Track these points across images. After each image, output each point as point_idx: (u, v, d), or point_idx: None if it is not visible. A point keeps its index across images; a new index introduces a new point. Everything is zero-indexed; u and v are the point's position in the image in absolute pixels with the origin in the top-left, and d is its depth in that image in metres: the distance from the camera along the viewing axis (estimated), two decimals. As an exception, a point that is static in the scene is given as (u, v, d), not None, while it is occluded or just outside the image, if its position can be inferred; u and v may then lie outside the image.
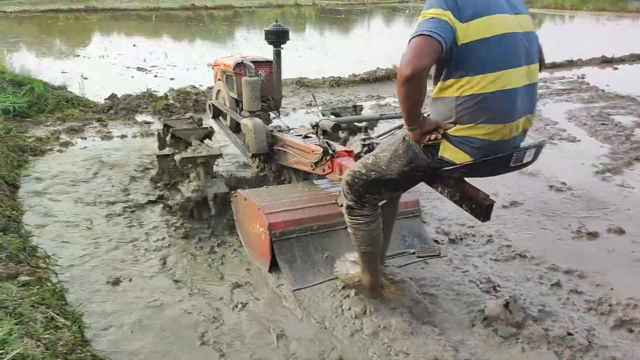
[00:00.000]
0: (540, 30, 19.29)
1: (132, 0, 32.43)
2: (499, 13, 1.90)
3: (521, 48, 1.94)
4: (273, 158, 3.73)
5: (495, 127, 1.94)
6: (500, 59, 1.89)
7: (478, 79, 1.88)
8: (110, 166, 4.71)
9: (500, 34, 1.88)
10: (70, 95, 6.87)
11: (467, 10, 1.85)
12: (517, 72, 1.93)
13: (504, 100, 1.92)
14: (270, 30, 3.74)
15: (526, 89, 1.98)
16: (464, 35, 1.85)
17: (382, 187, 2.31)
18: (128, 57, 11.38)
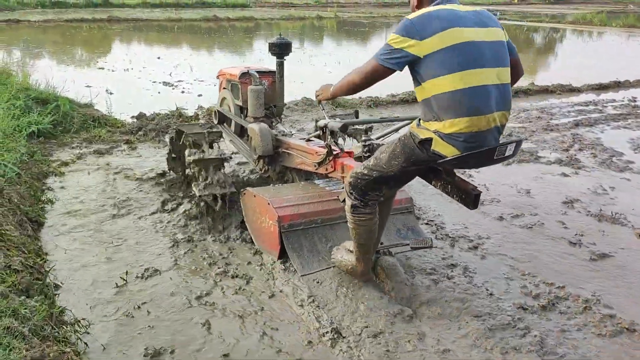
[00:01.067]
0: (571, 46, 18.74)
1: (154, 11, 32.55)
2: (460, 27, 2.26)
3: (486, 53, 2.26)
4: (277, 160, 4.02)
5: (471, 120, 2.23)
6: (463, 62, 2.22)
7: (447, 78, 2.22)
8: (139, 203, 4.28)
9: (461, 42, 2.23)
10: (96, 114, 6.51)
11: (425, 31, 2.24)
12: (485, 72, 2.25)
13: (476, 95, 2.23)
14: (274, 43, 3.94)
15: (498, 87, 2.28)
16: (425, 49, 2.24)
17: (383, 185, 2.61)
18: (153, 71, 11.07)
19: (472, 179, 4.81)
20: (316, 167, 3.36)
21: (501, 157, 2.36)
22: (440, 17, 2.27)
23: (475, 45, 2.27)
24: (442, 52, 2.24)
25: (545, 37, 23.29)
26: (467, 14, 2.35)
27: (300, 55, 14.07)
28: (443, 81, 2.25)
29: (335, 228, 3.35)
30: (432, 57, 2.25)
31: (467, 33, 2.28)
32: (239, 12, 32.02)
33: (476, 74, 2.25)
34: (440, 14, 2.29)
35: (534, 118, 7.22)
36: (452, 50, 2.23)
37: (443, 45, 2.24)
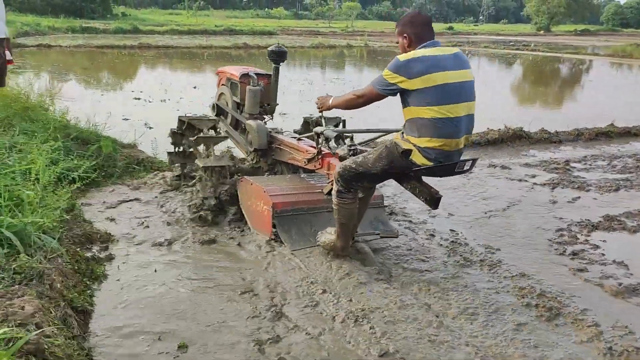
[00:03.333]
0: (621, 80, 17.80)
1: (182, 37, 32.43)
2: (442, 71, 2.90)
3: (461, 91, 2.95)
4: (269, 153, 4.66)
5: (444, 141, 2.95)
6: (442, 99, 2.89)
7: (429, 109, 2.90)
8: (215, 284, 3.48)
9: (442, 84, 2.89)
10: (141, 156, 5.78)
11: (412, 73, 2.89)
12: (458, 106, 2.94)
13: (450, 124, 2.93)
14: (272, 51, 4.53)
15: (467, 117, 3.01)
16: (412, 86, 2.91)
17: (365, 179, 3.29)
18: (191, 102, 10.41)
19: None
20: (306, 163, 3.98)
21: (460, 170, 3.09)
22: (424, 61, 2.90)
23: (453, 87, 2.92)
24: (425, 90, 2.89)
25: (585, 69, 22.40)
26: (447, 58, 2.96)
27: (341, 87, 13.38)
28: (425, 110, 2.91)
29: (319, 216, 3.98)
30: (418, 92, 2.90)
31: (447, 75, 2.90)
32: (268, 40, 31.71)
33: (451, 108, 2.92)
34: (424, 58, 2.91)
35: (633, 167, 6.33)
36: (434, 89, 2.88)
37: (426, 85, 2.88)
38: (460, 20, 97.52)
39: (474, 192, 5.33)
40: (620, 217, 4.67)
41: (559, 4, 67.47)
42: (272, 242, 3.92)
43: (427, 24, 3.09)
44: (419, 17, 3.12)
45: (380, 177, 3.33)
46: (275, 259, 3.71)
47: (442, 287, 3.40)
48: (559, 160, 6.55)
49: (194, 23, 43.35)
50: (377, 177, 3.29)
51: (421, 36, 3.03)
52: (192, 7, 62.37)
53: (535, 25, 70.51)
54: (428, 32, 3.06)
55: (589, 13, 79.49)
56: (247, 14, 72.48)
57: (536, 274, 3.60)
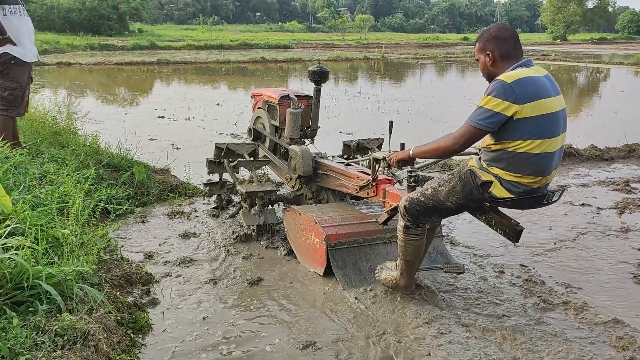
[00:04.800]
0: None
1: (199, 52, 32.43)
2: (547, 97, 2.54)
3: (560, 121, 2.61)
4: (314, 180, 4.40)
5: (536, 179, 2.63)
6: (546, 131, 2.53)
7: (529, 143, 2.53)
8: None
9: (547, 113, 2.52)
10: (174, 182, 5.46)
11: (523, 97, 2.47)
12: (556, 140, 2.59)
13: (545, 160, 2.59)
14: (314, 71, 4.27)
15: (559, 150, 2.66)
16: (519, 113, 2.47)
17: (436, 213, 2.97)
18: (216, 120, 10.15)
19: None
20: (357, 190, 3.71)
21: (549, 202, 2.74)
22: (533, 84, 2.52)
23: (555, 116, 2.57)
24: (531, 120, 2.50)
25: (611, 78, 21.87)
26: (546, 81, 2.60)
27: (366, 101, 13.04)
28: (525, 144, 2.54)
29: (375, 248, 3.70)
30: (523, 121, 2.50)
31: (551, 103, 2.55)
32: (284, 54, 31.66)
33: (551, 142, 2.57)
34: (532, 81, 2.53)
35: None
36: (538, 119, 2.50)
37: (532, 114, 2.49)
38: (474, 31, 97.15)
39: (535, 218, 4.92)
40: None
41: (575, 12, 66.99)
42: (327, 279, 3.59)
43: (515, 40, 2.74)
44: (505, 32, 2.74)
45: (453, 212, 2.98)
46: (333, 301, 3.34)
47: (528, 336, 2.99)
48: (617, 181, 6.12)
49: (210, 38, 43.50)
50: (450, 211, 2.96)
51: (509, 54, 2.70)
52: (206, 22, 62.89)
53: (551, 34, 69.95)
54: (516, 50, 2.72)
55: (605, 21, 78.76)
56: (260, 28, 72.86)
57: (631, 320, 3.18)
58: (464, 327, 3.05)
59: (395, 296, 3.34)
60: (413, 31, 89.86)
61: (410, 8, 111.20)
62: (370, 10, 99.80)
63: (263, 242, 4.21)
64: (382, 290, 3.41)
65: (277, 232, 4.35)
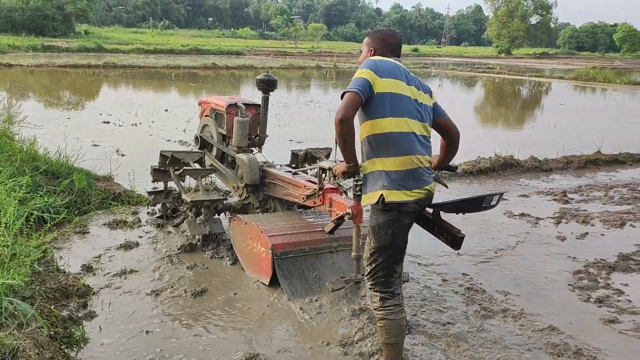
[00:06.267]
0: (590, 103, 18.10)
1: (148, 57, 31.76)
2: (398, 80, 2.61)
3: (411, 107, 2.60)
4: (261, 189, 4.37)
5: (402, 158, 2.53)
6: (397, 109, 2.55)
7: (384, 121, 2.54)
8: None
9: (397, 92, 2.58)
10: (117, 190, 5.30)
11: (382, 71, 2.58)
12: (410, 122, 2.57)
13: (403, 138, 2.55)
14: (262, 80, 4.28)
15: (422, 137, 2.61)
16: (379, 87, 2.55)
17: (391, 262, 2.65)
18: (164, 126, 9.95)
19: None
20: (304, 199, 3.67)
21: (488, 206, 2.71)
22: (391, 67, 2.63)
23: (404, 98, 2.60)
24: (385, 95, 2.56)
25: (552, 92, 22.82)
26: (403, 71, 2.67)
27: (317, 110, 13.11)
28: (381, 123, 2.56)
29: (321, 257, 3.69)
30: (380, 96, 2.55)
31: (401, 86, 2.60)
32: (236, 60, 31.42)
33: (404, 122, 2.57)
34: (391, 65, 2.65)
35: (630, 198, 6.18)
36: (390, 96, 2.56)
37: (386, 90, 2.56)
38: (423, 43, 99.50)
39: (477, 226, 5.05)
40: (634, 255, 4.45)
41: (519, 27, 69.57)
42: (272, 289, 3.56)
43: (398, 47, 2.88)
44: (392, 39, 2.86)
45: (398, 244, 2.65)
46: (278, 312, 3.31)
47: (471, 343, 3.06)
48: (555, 191, 6.37)
49: (160, 42, 42.70)
50: (397, 247, 2.65)
51: (385, 55, 2.78)
52: (156, 25, 61.71)
53: (496, 48, 72.41)
54: (393, 54, 2.83)
55: (547, 37, 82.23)
56: (212, 34, 72.05)
57: (566, 327, 3.30)
58: (410, 334, 3.08)
59: (341, 307, 3.34)
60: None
61: (362, 18, 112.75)
62: (323, 19, 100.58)
63: (208, 252, 4.14)
64: (327, 300, 3.41)
65: (223, 242, 4.29)
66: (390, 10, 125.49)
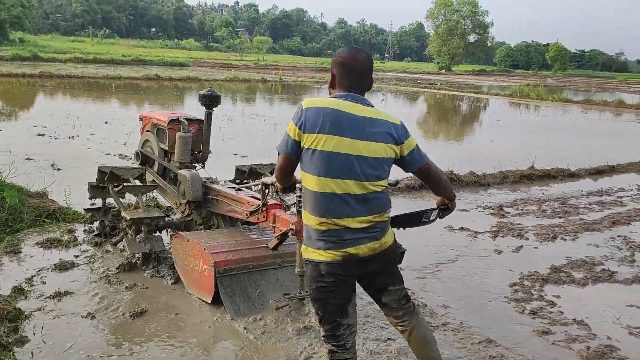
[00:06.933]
0: (524, 119, 18.94)
1: (87, 67, 30.83)
2: (338, 136, 2.24)
3: (349, 165, 2.24)
4: (204, 205, 4.30)
5: (320, 219, 2.29)
6: (325, 168, 2.24)
7: (308, 177, 2.31)
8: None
9: (327, 150, 2.24)
10: (52, 206, 5.09)
11: (308, 126, 2.25)
12: (342, 182, 2.25)
13: (326, 200, 2.26)
14: (205, 95, 4.23)
15: (360, 196, 2.28)
16: (304, 142, 2.27)
17: (333, 316, 2.36)
18: (104, 139, 9.66)
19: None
20: (248, 215, 3.65)
21: (427, 221, 2.76)
22: (328, 116, 2.26)
23: (339, 157, 2.26)
24: (311, 152, 2.28)
25: (490, 108, 23.75)
26: (361, 122, 2.29)
27: (262, 123, 13.08)
28: (309, 179, 2.33)
29: (264, 274, 3.66)
30: (306, 152, 2.29)
31: (341, 143, 2.25)
32: (180, 72, 30.98)
33: (334, 183, 2.27)
34: (329, 113, 2.27)
35: (561, 212, 6.49)
36: (318, 154, 2.26)
37: (312, 146, 2.27)
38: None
39: (418, 240, 5.15)
40: (565, 268, 4.66)
41: (458, 45, 72.19)
42: (215, 308, 3.50)
43: (359, 74, 2.39)
44: (353, 61, 2.39)
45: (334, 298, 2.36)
46: (221, 332, 3.26)
47: (411, 357, 3.10)
48: (492, 205, 6.60)
49: (100, 51, 41.60)
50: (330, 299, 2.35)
51: (344, 83, 2.38)
52: (96, 34, 60.07)
53: (437, 65, 74.77)
54: (355, 81, 2.38)
55: (485, 55, 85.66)
56: (155, 44, 70.86)
57: (502, 340, 3.41)
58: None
59: (285, 326, 3.33)
60: (310, 55, 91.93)
61: (307, 32, 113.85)
62: (268, 32, 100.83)
63: (148, 271, 4.04)
64: (272, 319, 3.39)
65: (164, 260, 4.20)
66: (335, 25, 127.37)
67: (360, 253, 2.32)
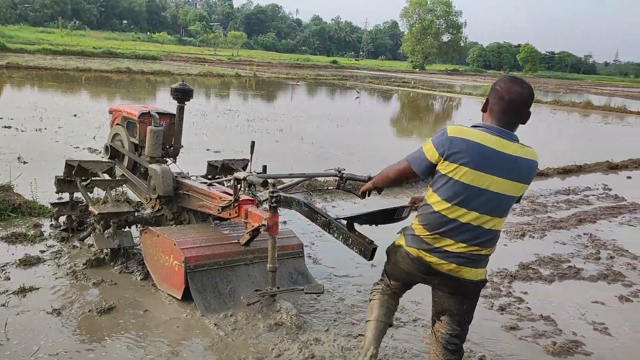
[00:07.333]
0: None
1: (56, 58, 30.14)
2: (476, 170, 2.24)
3: (479, 199, 2.27)
4: (175, 201, 4.24)
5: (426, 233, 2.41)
6: (459, 200, 2.28)
7: (442, 202, 2.33)
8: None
9: (465, 183, 2.26)
10: (17, 200, 4.96)
11: (451, 154, 2.26)
12: (465, 213, 2.29)
13: (445, 223, 2.33)
14: (177, 89, 4.21)
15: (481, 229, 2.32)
16: (441, 168, 2.31)
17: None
18: (72, 133, 9.46)
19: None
20: (219, 211, 3.60)
21: (399, 218, 2.91)
22: (474, 149, 2.26)
23: (476, 190, 2.27)
24: (447, 178, 2.31)
25: (462, 107, 24.05)
26: (504, 159, 2.27)
27: (235, 119, 12.98)
28: (438, 202, 2.34)
29: (236, 270, 3.63)
30: (441, 176, 2.33)
31: (481, 178, 2.26)
32: (152, 65, 30.52)
33: (465, 214, 2.30)
34: (477, 147, 2.26)
35: (530, 210, 6.61)
36: (454, 182, 2.29)
37: (449, 174, 2.30)
38: (342, 55, 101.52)
39: (389, 235, 5.17)
40: (533, 265, 4.75)
41: (432, 45, 72.88)
42: (185, 304, 3.46)
43: (518, 107, 2.29)
44: (513, 93, 2.28)
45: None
46: (191, 329, 3.22)
47: (382, 353, 3.12)
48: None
49: (69, 43, 40.71)
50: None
51: (498, 115, 2.32)
52: (66, 26, 58.72)
53: (411, 63, 75.38)
54: (509, 116, 2.30)
55: (458, 54, 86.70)
56: (127, 37, 69.62)
57: (472, 335, 3.42)
58: (324, 350, 3.10)
59: (256, 322, 3.31)
60: (285, 51, 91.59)
61: (282, 28, 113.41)
62: (243, 28, 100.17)
63: (117, 267, 3.97)
64: (242, 315, 3.36)
65: (133, 256, 4.12)
66: (310, 21, 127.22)
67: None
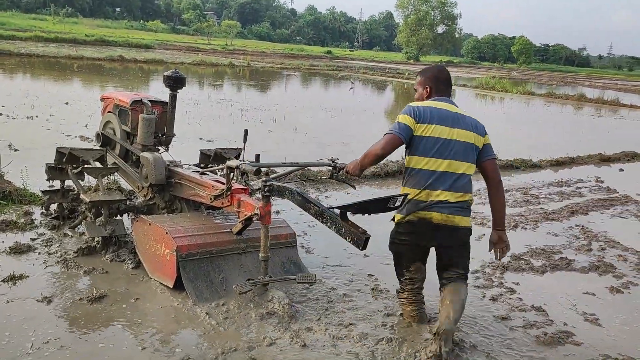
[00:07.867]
0: (491, 111, 19.27)
1: (49, 46, 29.85)
2: (439, 125, 3.07)
3: (448, 148, 3.04)
4: (167, 189, 4.24)
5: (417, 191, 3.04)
6: (430, 151, 3.02)
7: (422, 158, 3.04)
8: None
9: (435, 136, 3.04)
10: (8, 188, 4.92)
11: (421, 118, 3.06)
12: (440, 162, 3.03)
13: (429, 176, 3.03)
14: (169, 76, 4.17)
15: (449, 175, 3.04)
16: (416, 131, 3.05)
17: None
18: (64, 120, 9.40)
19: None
20: (212, 200, 3.62)
21: (392, 207, 2.99)
22: (434, 112, 3.10)
23: (441, 141, 3.05)
24: (420, 138, 3.05)
25: (457, 99, 24.04)
26: (456, 116, 3.14)
27: (229, 108, 12.91)
28: (415, 160, 3.08)
29: (228, 259, 3.62)
30: (416, 139, 3.04)
31: (441, 130, 3.05)
32: (145, 54, 30.34)
33: (434, 162, 3.03)
34: (435, 110, 3.11)
35: (522, 202, 6.63)
36: (426, 139, 3.05)
37: (422, 133, 3.05)
38: (336, 46, 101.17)
39: (383, 227, 5.17)
40: (525, 256, 4.76)
41: (427, 36, 72.73)
42: (177, 293, 3.45)
43: (449, 82, 3.33)
44: (443, 74, 3.32)
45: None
46: (183, 318, 3.21)
47: (373, 341, 3.12)
48: (456, 194, 6.67)
49: (62, 30, 40.31)
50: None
51: (438, 91, 3.27)
52: (59, 13, 58.15)
53: (406, 54, 75.22)
54: (444, 89, 3.29)
55: (452, 46, 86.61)
56: (120, 25, 69.06)
57: (463, 324, 3.46)
58: (315, 339, 3.10)
59: (248, 312, 3.30)
60: (279, 41, 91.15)
61: (277, 18, 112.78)
62: (237, 17, 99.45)
63: (108, 256, 3.95)
64: (234, 305, 3.35)
65: (125, 245, 4.10)
66: (304, 11, 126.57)
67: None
